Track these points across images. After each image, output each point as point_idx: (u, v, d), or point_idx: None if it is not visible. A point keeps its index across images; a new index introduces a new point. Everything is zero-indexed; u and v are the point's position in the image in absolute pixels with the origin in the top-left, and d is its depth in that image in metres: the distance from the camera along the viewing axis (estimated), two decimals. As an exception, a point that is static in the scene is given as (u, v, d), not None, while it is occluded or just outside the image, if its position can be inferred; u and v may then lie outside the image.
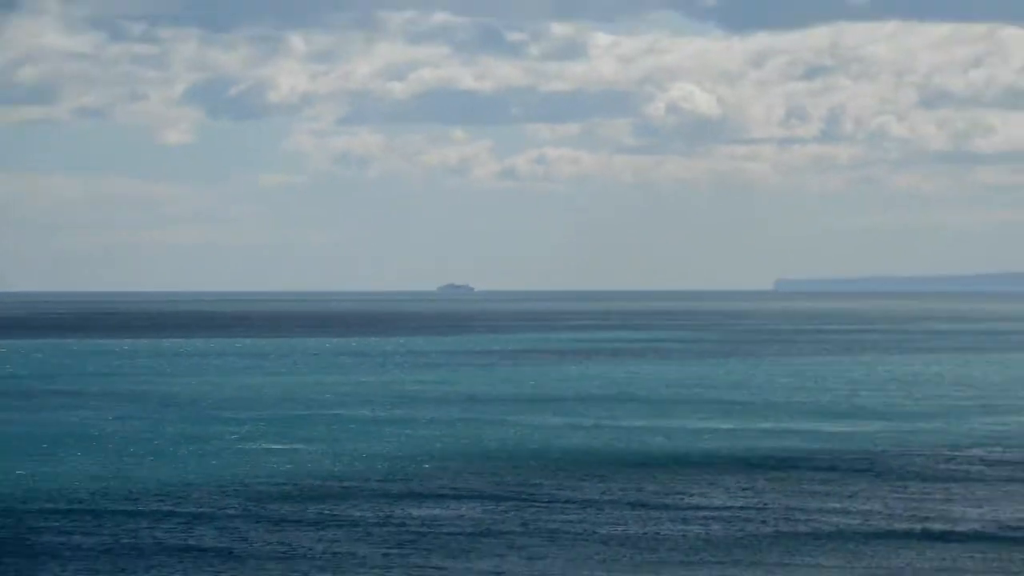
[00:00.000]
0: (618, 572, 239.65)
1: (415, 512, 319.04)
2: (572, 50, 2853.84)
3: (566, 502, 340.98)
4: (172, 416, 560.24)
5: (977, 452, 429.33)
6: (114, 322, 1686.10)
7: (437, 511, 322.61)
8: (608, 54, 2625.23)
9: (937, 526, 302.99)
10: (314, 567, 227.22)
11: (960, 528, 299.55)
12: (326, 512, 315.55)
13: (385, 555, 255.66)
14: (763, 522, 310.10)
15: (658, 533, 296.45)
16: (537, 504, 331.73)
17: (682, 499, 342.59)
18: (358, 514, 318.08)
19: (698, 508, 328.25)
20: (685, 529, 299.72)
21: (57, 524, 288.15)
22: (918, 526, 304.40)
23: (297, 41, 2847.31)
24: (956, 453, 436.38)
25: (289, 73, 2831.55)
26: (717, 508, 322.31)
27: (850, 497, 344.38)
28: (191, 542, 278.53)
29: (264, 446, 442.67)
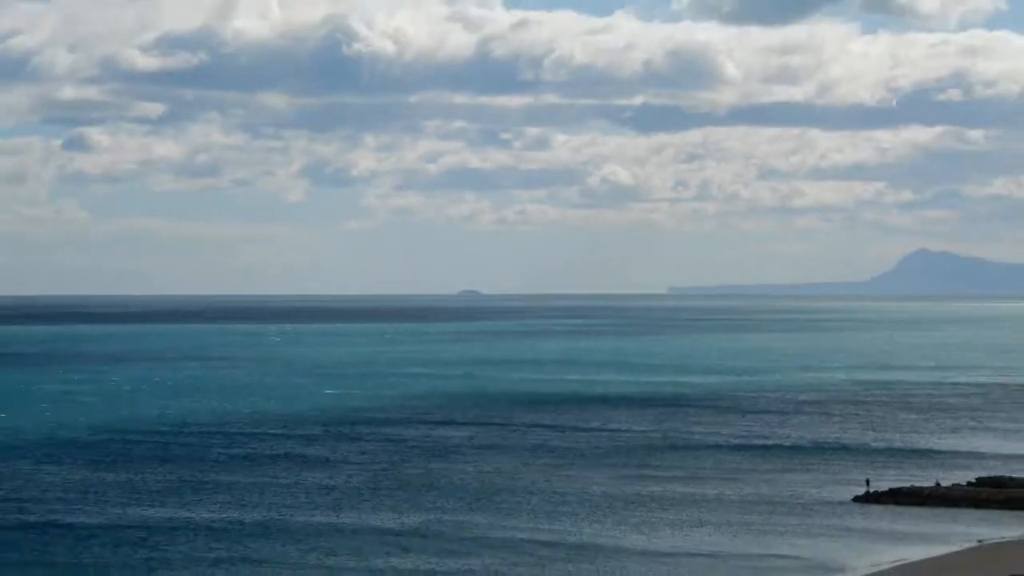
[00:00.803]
0: (545, 468, 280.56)
1: (422, 431, 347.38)
2: (541, 144, 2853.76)
3: (532, 425, 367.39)
4: (291, 372, 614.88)
5: (793, 395, 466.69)
6: (254, 313, 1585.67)
7: (440, 431, 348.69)
8: (564, 146, 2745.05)
9: (760, 441, 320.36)
10: (351, 462, 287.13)
11: (776, 442, 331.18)
12: (367, 431, 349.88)
13: (398, 458, 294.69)
14: (654, 437, 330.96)
15: (582, 444, 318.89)
16: (507, 427, 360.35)
17: (602, 423, 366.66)
18: (387, 430, 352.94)
19: (613, 429, 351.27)
20: (600, 441, 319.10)
21: (222, 439, 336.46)
22: (750, 441, 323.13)
23: (369, 139, 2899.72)
24: (781, 395, 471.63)
25: (364, 158, 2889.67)
26: (625, 429, 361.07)
27: (711, 422, 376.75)
28: (291, 449, 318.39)
29: (337, 391, 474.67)
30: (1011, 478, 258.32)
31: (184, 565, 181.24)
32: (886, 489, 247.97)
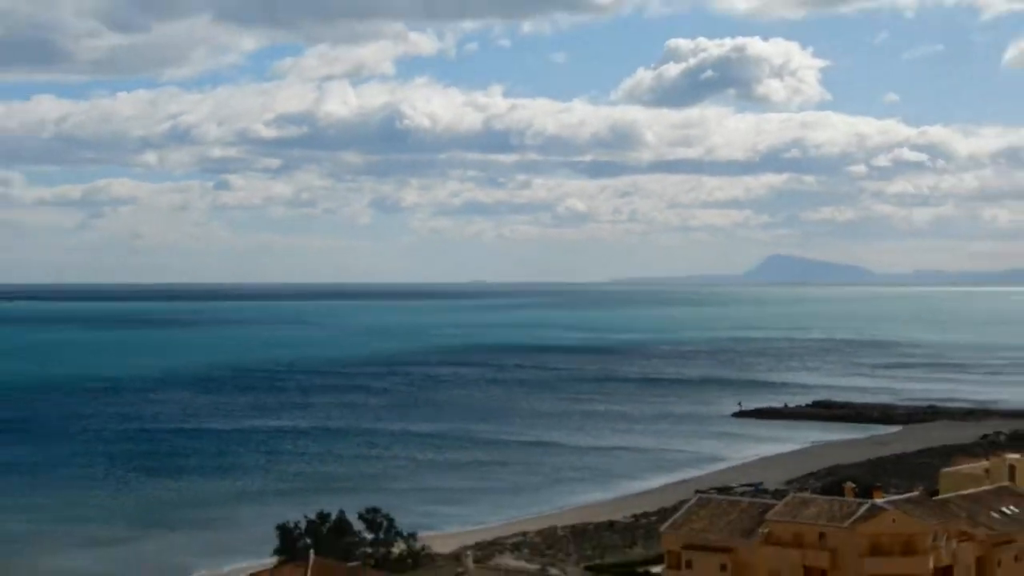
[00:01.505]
0: (523, 394, 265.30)
1: (444, 370, 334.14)
2: (525, 185, 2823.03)
3: (515, 366, 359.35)
4: (359, 332, 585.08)
5: (690, 347, 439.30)
6: (335, 295, 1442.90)
7: (455, 369, 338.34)
8: (540, 187, 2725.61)
9: (667, 376, 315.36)
10: (397, 390, 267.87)
11: (678, 377, 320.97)
12: (407, 369, 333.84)
13: (428, 386, 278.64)
14: (594, 372, 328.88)
15: (546, 377, 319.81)
16: (499, 367, 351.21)
17: (560, 364, 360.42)
18: (420, 369, 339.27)
19: (567, 368, 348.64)
20: (559, 375, 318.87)
21: (314, 374, 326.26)
22: (659, 376, 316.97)
23: (413, 182, 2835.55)
24: (681, 346, 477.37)
25: (410, 195, 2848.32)
26: (576, 368, 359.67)
27: (633, 363, 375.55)
28: (358, 381, 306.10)
29: (388, 344, 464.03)
30: (834, 401, 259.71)
31: (290, 458, 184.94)
32: (753, 408, 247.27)
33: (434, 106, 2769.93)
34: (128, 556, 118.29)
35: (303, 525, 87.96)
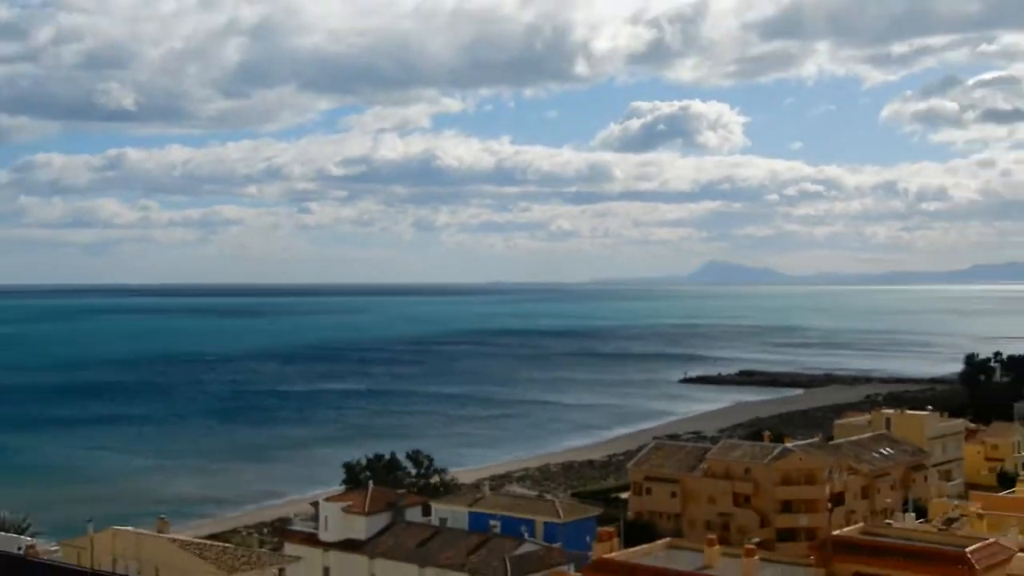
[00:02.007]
0: (522, 366, 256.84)
1: (463, 348, 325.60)
2: (527, 210, 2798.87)
3: (517, 344, 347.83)
4: (400, 319, 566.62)
5: (647, 331, 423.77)
6: (387, 292, 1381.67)
7: (472, 347, 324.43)
8: (538, 211, 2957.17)
9: (628, 351, 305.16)
10: (426, 361, 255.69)
11: (638, 352, 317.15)
12: (436, 348, 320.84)
13: (451, 360, 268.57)
14: (574, 349, 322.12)
15: (539, 353, 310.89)
16: (505, 345, 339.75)
17: (549, 343, 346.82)
18: (445, 348, 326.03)
19: (552, 346, 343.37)
20: (548, 352, 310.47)
21: (369, 351, 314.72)
22: (623, 352, 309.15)
23: (444, 208, 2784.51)
24: (640, 330, 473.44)
25: (442, 217, 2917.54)
26: (560, 346, 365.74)
27: (604, 343, 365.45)
28: (397, 355, 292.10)
29: (422, 328, 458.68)
30: (755, 371, 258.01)
31: (353, 413, 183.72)
32: (694, 376, 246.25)
33: (459, 151, 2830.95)
34: (234, 483, 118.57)
35: (364, 462, 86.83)
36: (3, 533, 50.34)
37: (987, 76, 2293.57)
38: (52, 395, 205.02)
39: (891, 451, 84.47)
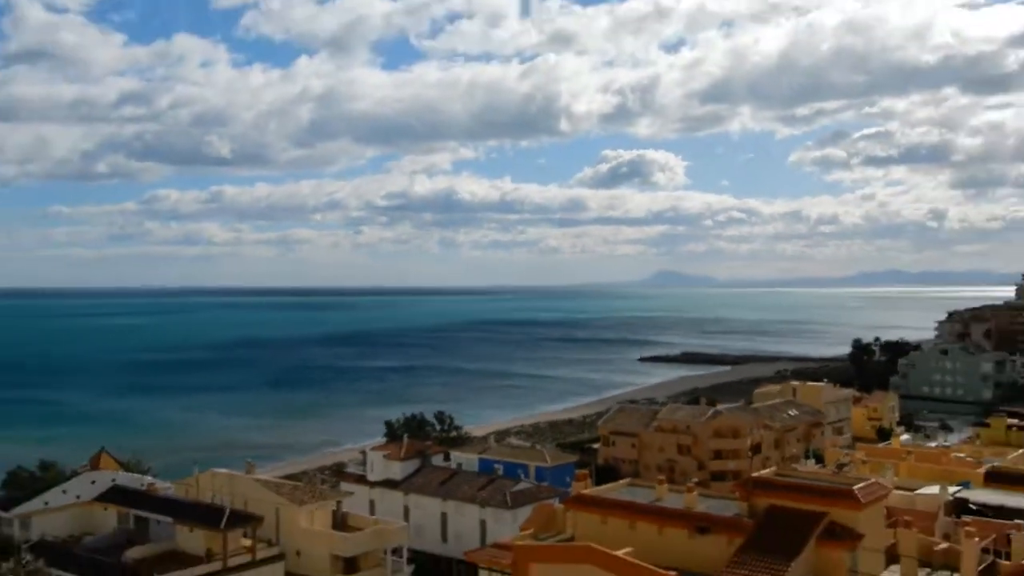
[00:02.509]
0: (518, 348, 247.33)
1: (472, 334, 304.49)
2: (524, 232, 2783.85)
3: (515, 332, 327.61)
4: (423, 314, 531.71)
5: (612, 321, 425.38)
6: (418, 295, 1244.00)
7: (478, 333, 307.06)
8: (533, 234, 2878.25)
9: (599, 337, 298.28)
10: (440, 346, 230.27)
11: (607, 338, 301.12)
12: (449, 334, 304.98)
13: (449, 345, 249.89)
14: (558, 334, 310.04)
15: (528, 338, 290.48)
16: (505, 332, 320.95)
17: (540, 331, 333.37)
18: (460, 334, 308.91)
19: (541, 332, 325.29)
20: (537, 337, 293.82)
21: (413, 335, 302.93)
22: (595, 337, 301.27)
23: (463, 230, 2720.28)
24: (605, 321, 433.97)
25: (461, 237, 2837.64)
26: (546, 332, 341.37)
27: (582, 330, 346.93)
28: (421, 340, 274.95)
29: (440, 318, 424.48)
30: (694, 352, 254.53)
31: (390, 382, 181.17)
32: (648, 356, 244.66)
33: (473, 188, 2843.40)
34: (301, 436, 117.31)
35: (399, 421, 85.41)
36: (130, 474, 49.66)
37: (868, 131, 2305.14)
38: (168, 369, 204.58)
39: (796, 412, 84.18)
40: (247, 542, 41.03)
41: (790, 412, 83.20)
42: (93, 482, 46.48)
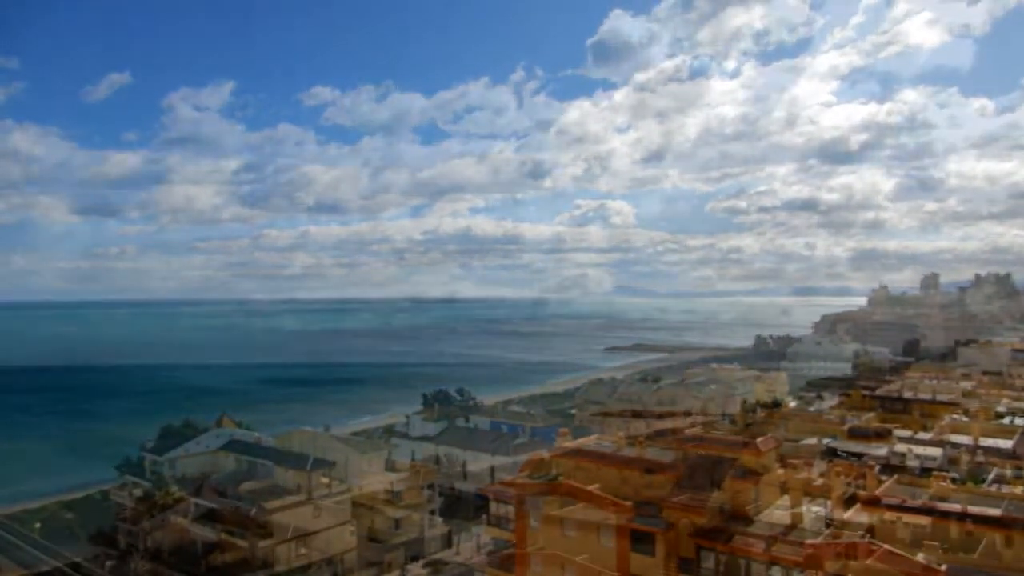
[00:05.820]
0: (509, 340, 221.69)
1: (477, 326, 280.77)
2: (517, 259, 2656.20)
3: (506, 329, 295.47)
4: (441, 317, 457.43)
5: (585, 321, 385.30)
6: (435, 304, 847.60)
7: (483, 326, 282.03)
8: (528, 258, 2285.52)
9: (567, 332, 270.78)
10: (454, 338, 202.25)
11: (573, 332, 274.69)
12: (455, 327, 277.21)
13: (461, 337, 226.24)
14: (548, 329, 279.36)
15: (520, 332, 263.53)
16: (505, 328, 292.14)
17: (530, 328, 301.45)
18: (459, 328, 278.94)
19: (532, 329, 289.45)
20: (528, 334, 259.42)
21: (438, 331, 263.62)
22: (565, 333, 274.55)
23: (477, 257, 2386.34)
24: (577, 322, 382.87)
25: (474, 262, 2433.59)
26: (539, 327, 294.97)
27: (564, 329, 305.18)
28: (438, 335, 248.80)
29: (452, 322, 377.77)
30: (643, 343, 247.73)
31: (421, 366, 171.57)
32: (612, 346, 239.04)
33: (485, 227, 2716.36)
34: (360, 403, 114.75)
35: (432, 393, 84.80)
36: (243, 431, 51.70)
37: (760, 188, 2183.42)
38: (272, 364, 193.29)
39: (715, 386, 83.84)
40: (325, 480, 41.98)
41: (711, 386, 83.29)
42: (218, 436, 48.23)
